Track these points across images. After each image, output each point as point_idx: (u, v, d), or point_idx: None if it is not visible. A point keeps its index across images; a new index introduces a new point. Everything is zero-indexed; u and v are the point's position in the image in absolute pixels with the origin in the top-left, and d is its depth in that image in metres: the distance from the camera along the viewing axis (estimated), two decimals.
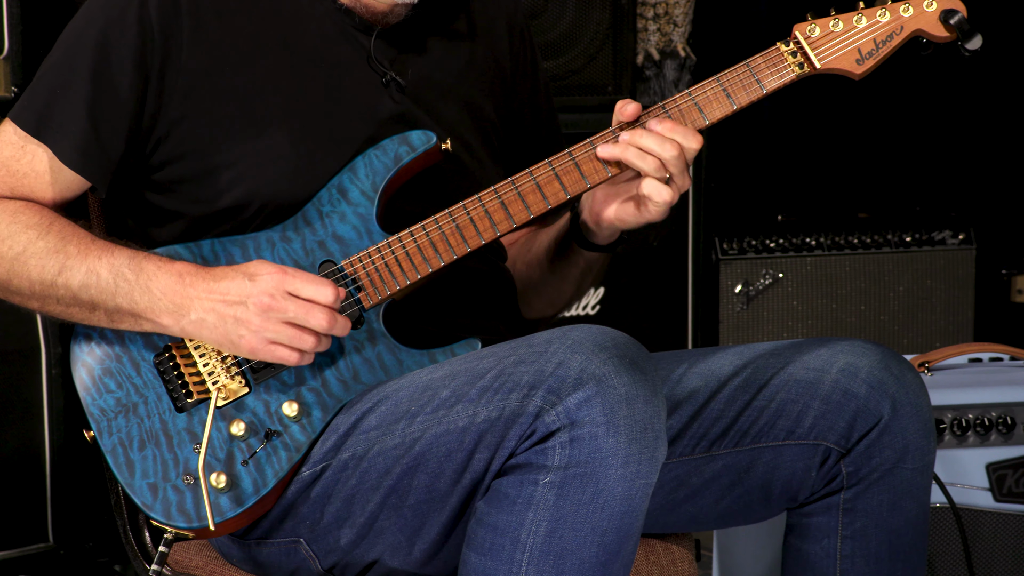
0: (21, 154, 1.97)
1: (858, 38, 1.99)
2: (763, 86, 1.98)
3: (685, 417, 2.05)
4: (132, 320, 1.91)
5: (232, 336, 1.88)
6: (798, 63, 1.98)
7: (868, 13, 2.00)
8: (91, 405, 1.93)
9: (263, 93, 1.99)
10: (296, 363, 1.89)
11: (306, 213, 1.98)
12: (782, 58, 1.99)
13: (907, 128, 4.40)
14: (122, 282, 1.90)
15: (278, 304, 1.86)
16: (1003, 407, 2.63)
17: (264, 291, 1.86)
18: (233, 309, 1.87)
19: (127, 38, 1.95)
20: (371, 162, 1.99)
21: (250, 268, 1.89)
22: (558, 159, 1.98)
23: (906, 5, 2.00)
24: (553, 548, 1.78)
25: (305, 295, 1.87)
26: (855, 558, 2.04)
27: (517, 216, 1.97)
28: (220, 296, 1.88)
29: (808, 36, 1.99)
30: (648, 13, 3.88)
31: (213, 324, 1.88)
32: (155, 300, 1.89)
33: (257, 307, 1.87)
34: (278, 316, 1.87)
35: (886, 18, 2.00)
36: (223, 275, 1.89)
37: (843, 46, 1.99)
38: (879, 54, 2.00)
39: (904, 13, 2.00)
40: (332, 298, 1.87)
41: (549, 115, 2.27)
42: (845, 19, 2.00)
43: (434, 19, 2.12)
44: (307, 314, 1.87)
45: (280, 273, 1.87)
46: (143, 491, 1.89)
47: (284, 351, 1.88)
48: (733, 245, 3.93)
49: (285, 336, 1.87)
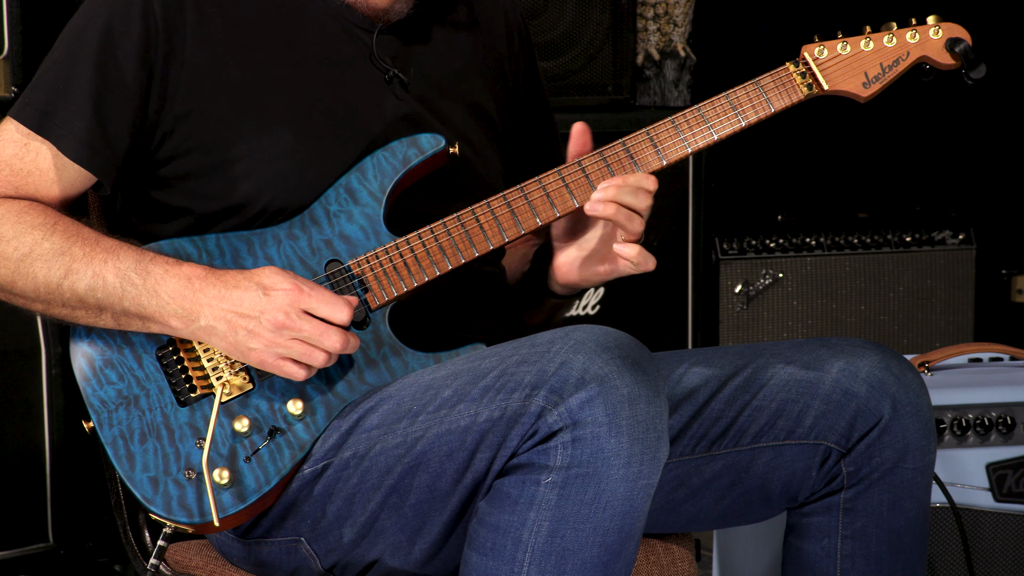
0: (24, 152, 1.96)
1: (865, 62, 2.03)
2: (771, 105, 2.00)
3: (685, 417, 2.05)
4: (140, 323, 1.91)
5: (242, 347, 1.87)
6: (807, 84, 2.01)
7: (875, 38, 2.03)
8: (91, 396, 1.93)
9: (267, 89, 1.99)
10: (303, 378, 1.88)
11: (313, 212, 1.98)
12: (791, 78, 2.01)
13: (907, 128, 4.40)
14: (129, 286, 1.89)
15: (293, 323, 1.85)
16: (1003, 407, 2.63)
17: (279, 307, 1.85)
18: (245, 321, 1.86)
19: (132, 32, 1.94)
20: (379, 163, 1.99)
21: (264, 280, 1.87)
22: (567, 168, 1.99)
23: (913, 32, 2.03)
24: (555, 548, 1.78)
25: (320, 315, 1.86)
26: (855, 558, 2.04)
27: (526, 223, 1.98)
28: (232, 306, 1.87)
29: (817, 58, 2.02)
30: (648, 13, 3.87)
31: (223, 333, 1.88)
32: (163, 304, 1.88)
33: (271, 323, 1.85)
34: (291, 334, 1.86)
35: (893, 44, 2.03)
36: (235, 283, 1.88)
37: (851, 69, 2.02)
38: (885, 78, 2.03)
39: (911, 40, 2.03)
40: (347, 319, 1.87)
41: (546, 115, 2.28)
42: (853, 43, 2.02)
43: (435, 16, 2.12)
44: (321, 336, 1.86)
45: (296, 291, 1.86)
46: (143, 484, 1.89)
47: (293, 367, 1.87)
48: (733, 245, 3.93)
49: (296, 352, 1.86)
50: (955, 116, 4.36)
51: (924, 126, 4.39)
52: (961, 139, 4.42)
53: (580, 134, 2.02)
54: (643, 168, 2.00)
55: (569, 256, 2.06)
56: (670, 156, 2.00)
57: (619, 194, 1.96)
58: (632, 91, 3.74)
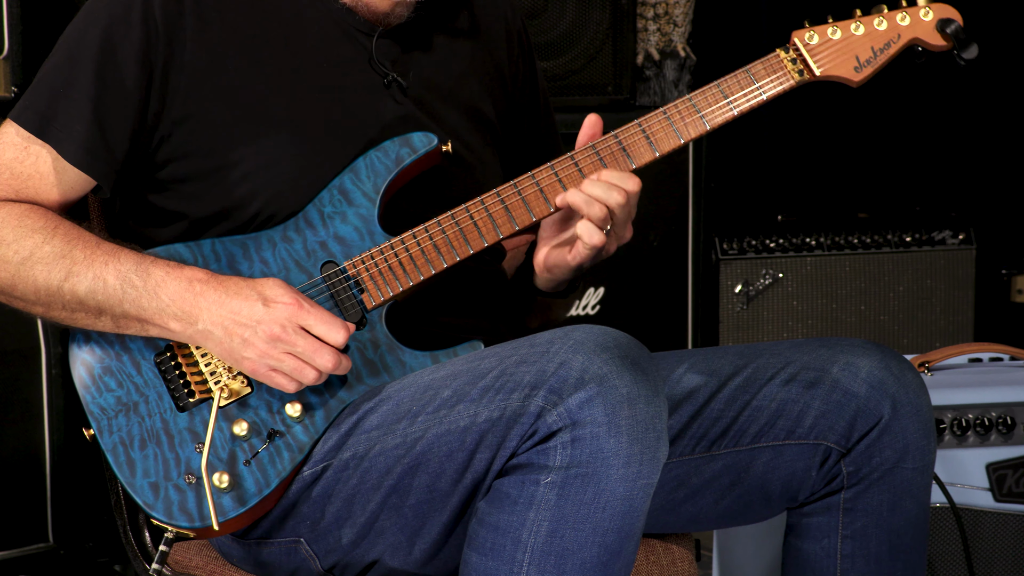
0: (24, 155, 1.96)
1: (856, 46, 2.01)
2: (763, 92, 1.99)
3: (685, 417, 2.05)
4: (139, 326, 1.91)
5: (236, 355, 1.88)
6: (798, 70, 2.00)
7: (865, 21, 2.02)
8: (91, 403, 1.93)
9: (266, 93, 1.99)
10: (292, 391, 1.89)
11: (307, 214, 1.98)
12: (782, 65, 2.00)
13: (907, 128, 4.40)
14: (129, 288, 1.89)
15: (288, 337, 1.86)
16: (1003, 407, 2.64)
17: (276, 320, 1.86)
18: (241, 330, 1.87)
19: (132, 36, 1.94)
20: (372, 163, 1.99)
21: (266, 291, 1.88)
22: (560, 163, 1.98)
23: (903, 14, 2.02)
24: (554, 548, 1.78)
25: (316, 333, 1.87)
26: (855, 558, 2.04)
27: (520, 219, 1.97)
28: (231, 313, 1.87)
29: (807, 43, 2.00)
30: (648, 13, 3.87)
31: (219, 338, 1.88)
32: (164, 306, 1.89)
33: (266, 335, 1.86)
34: (285, 348, 1.86)
35: (883, 27, 2.02)
36: (236, 291, 1.88)
37: (841, 54, 2.01)
38: (877, 62, 2.01)
39: (901, 22, 2.02)
40: (342, 341, 1.87)
41: (547, 116, 2.28)
42: (843, 27, 2.01)
43: (435, 20, 2.12)
44: (314, 353, 1.86)
45: (295, 306, 1.86)
46: (144, 490, 1.89)
47: (283, 379, 1.88)
48: (733, 245, 3.93)
49: (287, 367, 1.87)
50: (955, 116, 4.37)
51: (924, 126, 4.39)
52: (961, 139, 4.42)
53: (592, 125, 2.01)
54: (636, 160, 1.99)
55: (545, 249, 2.06)
56: (663, 147, 2.00)
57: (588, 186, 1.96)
58: (632, 91, 3.74)
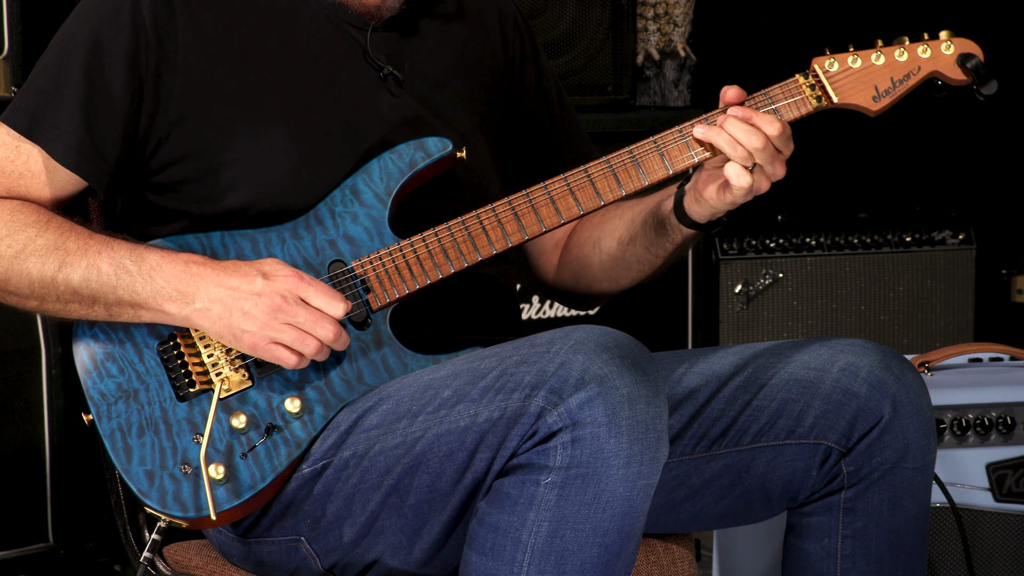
0: (16, 155, 1.97)
1: (875, 75, 2.01)
2: (780, 115, 1.99)
3: (685, 417, 2.05)
4: (132, 311, 1.91)
5: (235, 329, 1.88)
6: (816, 96, 2.00)
7: (887, 52, 2.02)
8: (91, 388, 1.93)
9: (261, 91, 1.99)
10: (293, 366, 1.89)
11: (318, 212, 1.98)
12: (800, 90, 2.00)
13: (907, 128, 4.40)
14: (123, 274, 1.90)
15: (288, 307, 1.87)
16: (1003, 407, 2.63)
17: (277, 291, 1.87)
18: (242, 303, 1.87)
19: (120, 39, 1.94)
20: (386, 166, 2.00)
21: (265, 267, 1.89)
22: (573, 174, 1.98)
23: (924, 46, 2.02)
24: (554, 548, 1.78)
25: (316, 304, 1.88)
26: (855, 558, 2.04)
27: (530, 228, 1.98)
28: (230, 289, 1.88)
29: (827, 70, 2.01)
30: (648, 13, 3.87)
31: (218, 314, 1.88)
32: (159, 288, 1.89)
33: (268, 306, 1.87)
34: (285, 318, 1.87)
35: (904, 58, 2.02)
36: (235, 270, 1.89)
37: (860, 82, 2.01)
38: (895, 93, 2.02)
39: (922, 54, 2.02)
40: (341, 312, 1.88)
41: (559, 97, 2.27)
42: (864, 56, 2.01)
43: (426, 10, 2.13)
44: (315, 323, 1.87)
45: (296, 277, 1.88)
46: (139, 478, 1.89)
47: (284, 352, 1.88)
48: (733, 245, 3.93)
49: (288, 338, 1.87)
50: (955, 116, 4.36)
51: (924, 126, 4.39)
52: (961, 139, 4.42)
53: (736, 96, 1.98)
54: (649, 177, 1.99)
55: (712, 185, 2.01)
56: (676, 165, 2.00)
57: (731, 125, 1.94)
58: (632, 91, 3.74)
